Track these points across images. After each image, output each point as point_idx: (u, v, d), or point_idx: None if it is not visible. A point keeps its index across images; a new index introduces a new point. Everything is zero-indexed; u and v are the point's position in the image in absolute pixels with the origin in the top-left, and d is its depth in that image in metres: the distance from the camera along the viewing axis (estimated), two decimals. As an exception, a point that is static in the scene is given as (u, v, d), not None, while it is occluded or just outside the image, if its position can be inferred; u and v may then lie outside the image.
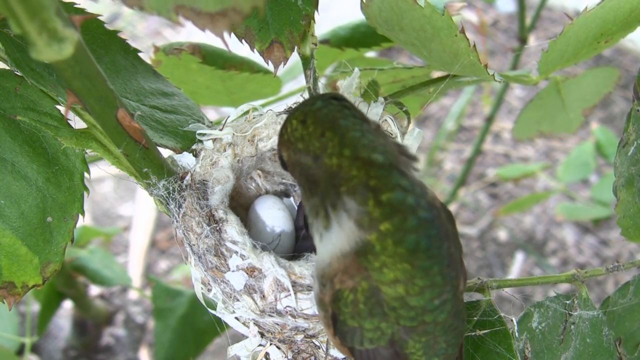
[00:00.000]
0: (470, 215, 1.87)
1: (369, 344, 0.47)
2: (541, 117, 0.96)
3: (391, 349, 0.47)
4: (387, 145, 0.45)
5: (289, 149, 0.48)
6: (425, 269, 0.44)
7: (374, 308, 0.45)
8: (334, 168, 0.44)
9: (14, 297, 0.55)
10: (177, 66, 0.76)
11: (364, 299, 0.45)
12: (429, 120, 2.08)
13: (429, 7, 0.53)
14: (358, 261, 0.44)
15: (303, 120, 0.46)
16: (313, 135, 0.45)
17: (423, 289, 0.44)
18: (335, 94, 0.48)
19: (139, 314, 1.61)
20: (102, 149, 0.56)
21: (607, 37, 0.62)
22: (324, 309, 0.48)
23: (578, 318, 0.60)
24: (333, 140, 0.44)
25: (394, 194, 0.43)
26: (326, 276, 0.46)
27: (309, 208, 0.47)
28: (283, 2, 0.58)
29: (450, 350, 0.49)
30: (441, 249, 0.45)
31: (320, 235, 0.47)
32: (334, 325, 0.48)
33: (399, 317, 0.45)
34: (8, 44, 0.54)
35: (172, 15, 0.36)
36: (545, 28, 2.26)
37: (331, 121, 0.45)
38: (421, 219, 0.43)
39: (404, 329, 0.46)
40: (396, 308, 0.45)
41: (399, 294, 0.44)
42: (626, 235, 0.62)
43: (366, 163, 0.43)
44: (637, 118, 0.59)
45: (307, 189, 0.47)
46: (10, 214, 0.55)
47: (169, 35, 2.35)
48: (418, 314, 0.45)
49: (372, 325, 0.46)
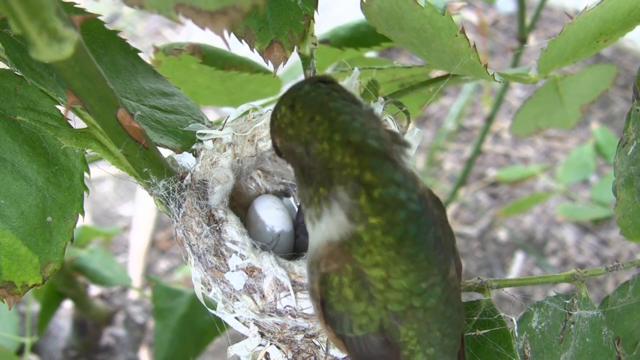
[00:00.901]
0: (470, 215, 1.87)
1: (358, 330, 0.47)
2: (539, 113, 0.96)
3: (381, 337, 0.47)
4: (379, 131, 0.44)
5: (281, 136, 0.47)
6: (411, 255, 0.44)
7: (359, 291, 0.45)
8: (326, 154, 0.43)
9: (14, 296, 0.55)
10: (177, 66, 0.76)
11: (348, 281, 0.45)
12: (429, 120, 2.08)
13: (429, 7, 0.53)
14: (343, 248, 0.44)
15: (292, 105, 0.45)
16: (302, 120, 0.44)
17: (407, 272, 0.44)
18: (324, 77, 0.47)
19: (139, 314, 1.61)
20: (102, 149, 0.56)
21: (606, 37, 0.62)
22: (315, 298, 0.48)
23: (578, 318, 0.60)
24: (323, 125, 0.43)
25: (387, 189, 0.42)
26: (314, 263, 0.47)
27: (302, 195, 0.47)
28: (283, 2, 0.58)
29: (447, 340, 0.48)
30: (427, 234, 0.44)
31: (312, 224, 0.47)
32: (323, 312, 0.48)
33: (386, 301, 0.45)
34: (8, 44, 0.54)
35: (172, 14, 0.37)
36: (545, 28, 2.26)
37: (320, 105, 0.44)
38: (410, 212, 0.43)
39: (393, 315, 0.46)
40: (382, 291, 0.45)
41: (382, 276, 0.44)
42: (626, 235, 0.62)
43: (359, 150, 0.42)
44: (637, 118, 0.59)
45: (301, 176, 0.47)
46: (10, 213, 0.55)
47: (169, 36, 2.35)
48: (405, 297, 0.45)
49: (359, 310, 0.46)
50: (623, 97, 2.06)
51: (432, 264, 0.45)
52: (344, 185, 0.43)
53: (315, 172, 0.44)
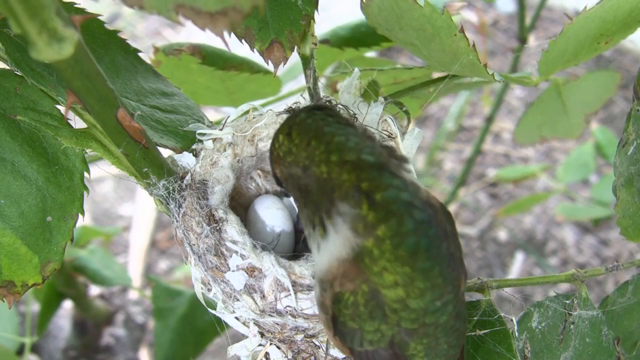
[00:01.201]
0: (470, 215, 1.87)
1: (368, 345, 0.47)
2: (542, 121, 0.95)
3: (390, 350, 0.47)
4: (375, 147, 0.45)
5: (280, 165, 0.48)
6: (426, 270, 0.44)
7: (374, 310, 0.45)
8: (324, 175, 0.44)
9: (14, 296, 0.55)
10: (177, 66, 0.76)
11: (364, 301, 0.45)
12: (429, 120, 2.08)
13: (428, 7, 0.53)
14: (357, 265, 0.44)
15: (288, 133, 0.47)
16: (300, 146, 0.46)
17: (424, 290, 0.44)
18: (320, 105, 0.49)
19: (139, 314, 1.61)
20: (102, 149, 0.56)
21: (607, 38, 0.62)
22: (325, 312, 0.48)
23: (578, 318, 0.60)
24: (319, 148, 0.45)
25: (387, 192, 0.43)
26: (326, 281, 0.47)
27: (305, 220, 0.48)
28: (283, 2, 0.58)
29: (451, 351, 0.49)
30: (440, 248, 0.44)
31: (317, 246, 0.47)
32: (334, 327, 0.48)
33: (400, 320, 0.45)
34: (8, 44, 0.54)
35: (172, 15, 0.37)
36: (545, 28, 2.26)
37: (315, 130, 0.46)
38: (418, 221, 0.43)
39: (405, 331, 0.46)
40: (397, 310, 0.45)
41: (399, 296, 0.44)
42: (626, 235, 0.62)
43: (355, 166, 0.43)
44: (637, 118, 0.59)
45: (302, 201, 0.48)
46: (10, 213, 0.55)
47: (169, 36, 2.35)
48: (419, 316, 0.45)
49: (373, 327, 0.46)
50: (623, 97, 2.06)
51: (446, 281, 0.45)
52: (345, 198, 0.43)
53: (316, 194, 0.45)
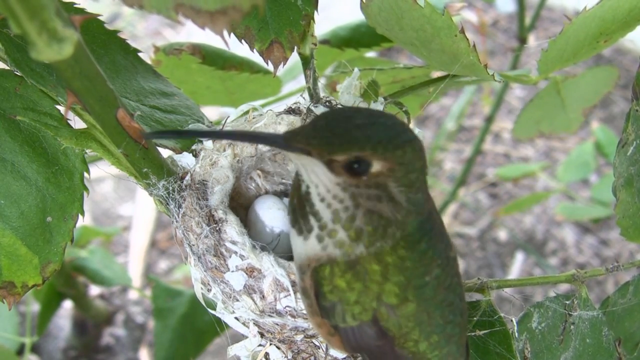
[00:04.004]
0: (470, 215, 1.87)
1: (352, 319, 0.47)
2: (541, 117, 0.96)
3: (375, 327, 0.47)
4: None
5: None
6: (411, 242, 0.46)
7: (352, 281, 0.46)
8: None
9: (14, 296, 0.55)
10: (177, 66, 0.76)
11: (340, 272, 0.46)
12: (429, 120, 2.08)
13: (428, 7, 0.53)
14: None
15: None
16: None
17: (404, 263, 0.46)
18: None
19: (139, 314, 1.61)
20: (102, 149, 0.56)
21: (607, 37, 0.62)
22: (307, 296, 0.48)
23: (578, 318, 0.60)
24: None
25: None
26: (305, 265, 0.48)
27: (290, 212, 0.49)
28: (283, 2, 0.58)
29: (449, 329, 0.48)
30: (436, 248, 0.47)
31: (304, 237, 0.48)
32: (317, 305, 0.48)
33: (381, 292, 0.46)
34: (8, 44, 0.54)
35: (171, 14, 0.37)
36: (545, 28, 2.26)
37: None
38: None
39: (388, 306, 0.46)
40: (378, 282, 0.45)
41: (379, 269, 0.45)
42: (625, 235, 0.62)
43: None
44: (637, 118, 0.59)
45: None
46: (10, 213, 0.55)
47: (169, 36, 2.35)
48: (401, 291, 0.46)
49: (353, 298, 0.46)
50: (623, 97, 2.06)
51: (434, 255, 0.47)
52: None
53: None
